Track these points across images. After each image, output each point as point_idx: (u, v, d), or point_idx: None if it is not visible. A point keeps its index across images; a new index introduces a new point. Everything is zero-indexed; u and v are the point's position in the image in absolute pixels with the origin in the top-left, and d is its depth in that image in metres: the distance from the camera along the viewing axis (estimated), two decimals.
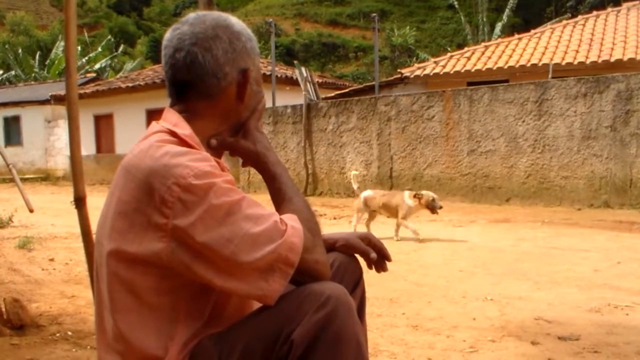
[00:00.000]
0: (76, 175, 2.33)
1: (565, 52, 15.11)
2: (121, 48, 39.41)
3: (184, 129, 1.36)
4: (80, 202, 2.35)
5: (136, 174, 1.26)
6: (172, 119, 1.39)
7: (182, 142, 1.33)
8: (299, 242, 1.26)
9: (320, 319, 1.20)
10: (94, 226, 1.63)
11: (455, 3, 32.27)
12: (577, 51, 15.00)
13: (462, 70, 15.67)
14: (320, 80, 18.06)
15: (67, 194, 2.68)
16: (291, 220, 1.28)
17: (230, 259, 1.21)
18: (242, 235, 1.21)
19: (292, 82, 16.56)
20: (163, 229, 1.22)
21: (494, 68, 15.27)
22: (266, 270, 1.23)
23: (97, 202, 1.42)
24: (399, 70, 17.94)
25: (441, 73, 15.86)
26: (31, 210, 3.54)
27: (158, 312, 1.29)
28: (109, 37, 40.39)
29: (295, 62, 17.29)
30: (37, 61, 35.63)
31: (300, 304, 1.23)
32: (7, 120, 24.33)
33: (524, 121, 10.13)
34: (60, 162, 22.63)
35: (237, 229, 1.22)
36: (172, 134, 1.35)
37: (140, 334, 1.30)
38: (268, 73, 14.90)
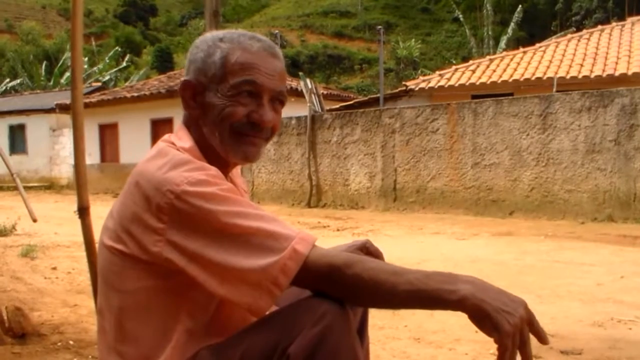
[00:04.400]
0: (80, 185, 2.34)
1: (570, 66, 15.14)
2: (127, 58, 39.60)
3: (185, 142, 1.41)
4: (83, 211, 2.36)
5: (139, 180, 1.30)
6: (179, 132, 1.46)
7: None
8: (294, 266, 1.21)
9: (316, 334, 1.18)
10: (97, 236, 1.64)
11: (461, 16, 32.44)
12: (581, 65, 15.03)
13: (467, 83, 15.70)
14: (325, 92, 18.08)
15: (70, 203, 2.69)
16: (300, 243, 1.23)
17: (221, 265, 1.21)
18: (235, 246, 1.21)
19: (297, 94, 16.53)
20: (159, 233, 1.25)
21: (499, 81, 15.30)
22: (254, 286, 1.21)
23: (100, 211, 1.43)
24: (403, 82, 18.00)
25: (446, 86, 15.90)
26: (34, 220, 3.55)
27: (159, 311, 1.31)
28: (117, 47, 40.61)
29: (301, 73, 17.34)
30: (44, 70, 35.84)
31: (297, 318, 1.22)
32: (12, 128, 24.41)
33: (528, 134, 10.14)
34: (65, 170, 22.69)
35: (231, 239, 1.22)
36: (173, 145, 1.40)
37: (140, 333, 1.32)
38: None
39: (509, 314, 1.14)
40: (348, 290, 1.24)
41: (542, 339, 1.19)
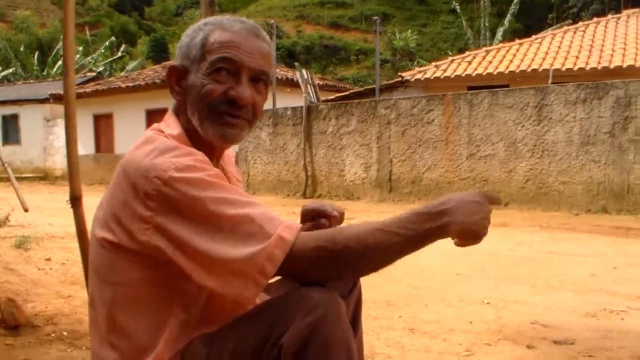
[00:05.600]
0: (73, 174, 2.33)
1: (566, 58, 15.14)
2: (123, 48, 39.39)
3: (174, 130, 1.41)
4: (76, 201, 2.35)
5: (126, 168, 1.30)
6: (168, 120, 1.46)
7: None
8: (281, 254, 1.20)
9: (309, 325, 1.17)
10: (90, 226, 1.63)
11: (458, 8, 32.34)
12: (577, 57, 15.03)
13: (463, 75, 15.69)
14: (321, 83, 18.06)
15: (65, 194, 2.67)
16: (285, 231, 1.22)
17: (207, 255, 1.21)
18: (221, 233, 1.21)
19: (293, 84, 16.56)
20: (147, 221, 1.24)
21: (495, 73, 15.29)
22: (240, 275, 1.20)
23: (94, 202, 1.42)
24: (400, 73, 17.95)
25: (442, 77, 15.88)
26: (26, 210, 3.54)
27: (150, 303, 1.31)
28: (112, 38, 40.38)
29: (297, 64, 17.32)
30: (36, 60, 35.60)
31: (290, 308, 1.21)
32: (5, 118, 24.26)
33: (523, 126, 10.14)
34: (59, 161, 22.60)
35: (217, 226, 1.21)
36: (161, 133, 1.40)
37: (133, 325, 1.32)
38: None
39: (484, 219, 1.31)
40: (342, 266, 1.24)
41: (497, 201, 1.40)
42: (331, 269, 1.24)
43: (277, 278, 1.31)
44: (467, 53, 18.27)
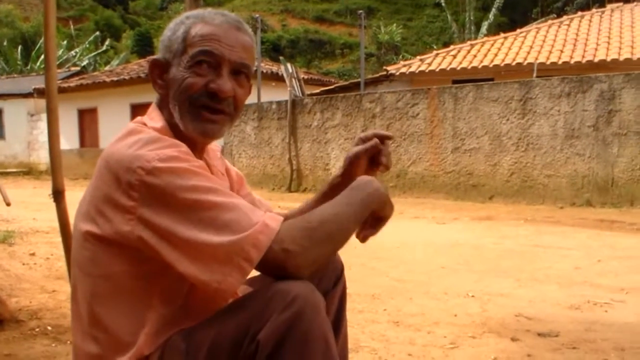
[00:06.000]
0: (55, 168, 2.31)
1: (550, 52, 15.22)
2: (107, 42, 39.07)
3: (156, 123, 1.41)
4: (58, 195, 2.33)
5: (108, 160, 1.29)
6: (151, 113, 1.46)
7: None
8: (266, 240, 1.20)
9: (286, 320, 1.17)
10: (73, 219, 1.62)
11: (442, 1, 32.36)
12: (561, 51, 15.12)
13: (448, 68, 15.72)
14: (305, 77, 18.03)
15: (49, 188, 2.65)
16: (270, 219, 1.23)
17: (191, 242, 1.20)
18: (206, 220, 1.21)
19: (277, 78, 16.51)
20: (130, 212, 1.24)
21: (479, 66, 15.34)
22: (224, 261, 1.20)
23: (78, 196, 1.41)
24: (384, 67, 17.96)
25: (427, 71, 15.90)
26: (8, 204, 3.51)
27: (131, 297, 1.31)
28: (97, 33, 40.00)
29: (281, 58, 17.30)
30: (19, 54, 35.22)
31: (267, 303, 1.20)
32: None
33: (508, 119, 10.19)
34: (43, 156, 22.36)
35: (201, 214, 1.21)
36: (144, 125, 1.40)
37: (114, 318, 1.31)
38: (254, 68, 14.90)
39: None
40: (322, 241, 1.26)
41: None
42: (314, 248, 1.24)
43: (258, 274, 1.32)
44: (452, 47, 18.33)
